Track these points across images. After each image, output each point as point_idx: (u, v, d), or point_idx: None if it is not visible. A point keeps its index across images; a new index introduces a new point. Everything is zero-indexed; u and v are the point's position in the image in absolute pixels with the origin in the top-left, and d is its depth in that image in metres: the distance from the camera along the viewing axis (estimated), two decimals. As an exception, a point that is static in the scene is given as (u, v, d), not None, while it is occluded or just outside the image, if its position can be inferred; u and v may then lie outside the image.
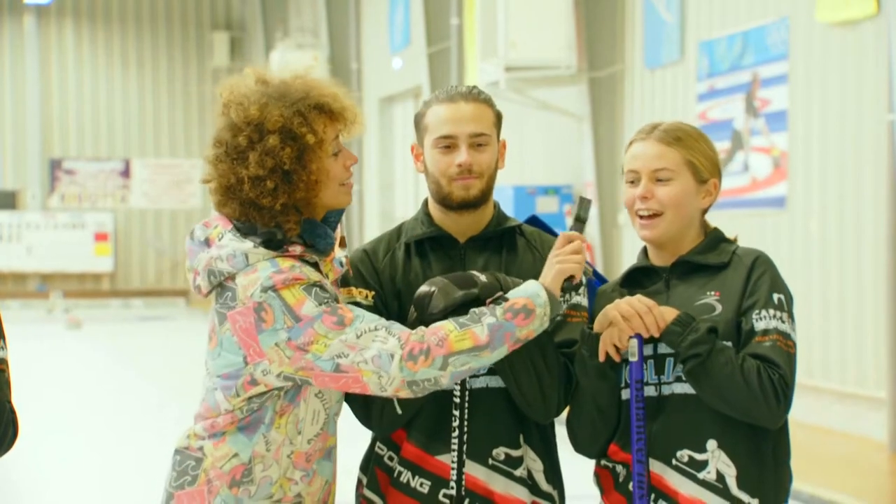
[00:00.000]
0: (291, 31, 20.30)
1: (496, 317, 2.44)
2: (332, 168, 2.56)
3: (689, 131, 2.66)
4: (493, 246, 2.72)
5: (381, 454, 2.69)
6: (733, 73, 9.83)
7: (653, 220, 2.61)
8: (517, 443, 2.66)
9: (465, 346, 2.42)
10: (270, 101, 2.56)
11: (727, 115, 9.92)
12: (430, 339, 2.42)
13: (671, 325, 2.51)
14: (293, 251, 2.51)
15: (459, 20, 13.53)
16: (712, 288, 2.59)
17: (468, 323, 2.44)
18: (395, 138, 17.85)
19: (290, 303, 2.44)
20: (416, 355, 2.41)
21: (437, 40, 14.59)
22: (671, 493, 2.55)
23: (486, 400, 2.64)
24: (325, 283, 2.49)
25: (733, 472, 2.53)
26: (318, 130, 2.53)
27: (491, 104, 2.70)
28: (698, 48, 10.29)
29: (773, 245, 9.22)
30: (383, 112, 17.85)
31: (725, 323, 2.54)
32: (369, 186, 18.09)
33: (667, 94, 10.78)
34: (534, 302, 2.46)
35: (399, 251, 2.72)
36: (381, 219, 17.56)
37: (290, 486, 2.55)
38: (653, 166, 2.61)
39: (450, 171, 2.64)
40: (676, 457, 2.55)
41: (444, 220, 2.70)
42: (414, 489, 2.64)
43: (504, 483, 2.64)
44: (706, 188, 2.65)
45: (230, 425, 2.52)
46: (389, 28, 16.85)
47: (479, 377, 2.63)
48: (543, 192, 11.90)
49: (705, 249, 2.64)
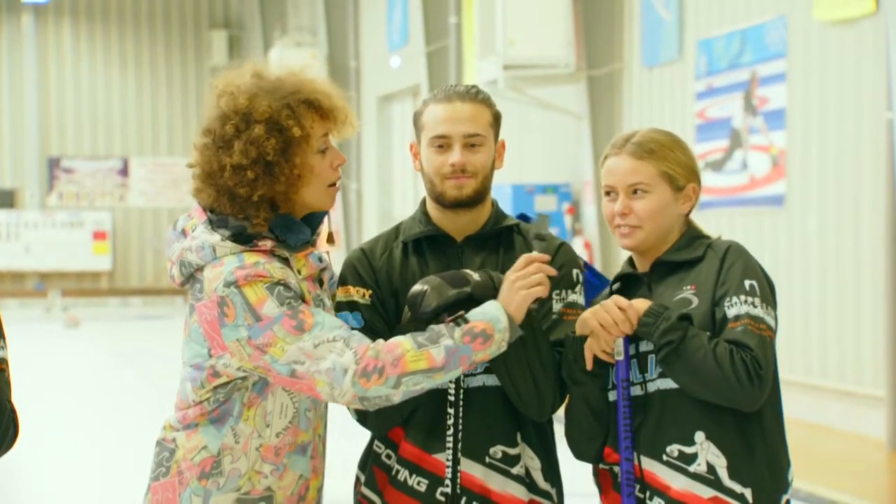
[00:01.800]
0: (290, 29, 20.29)
1: (454, 339, 2.44)
2: (317, 165, 2.55)
3: (661, 141, 2.67)
4: (491, 245, 2.73)
5: (379, 452, 2.70)
6: (732, 72, 9.83)
7: (632, 230, 2.65)
8: (514, 441, 2.67)
9: (420, 366, 2.42)
10: (261, 92, 2.56)
11: (726, 114, 9.93)
12: (386, 357, 2.42)
13: (643, 317, 2.54)
14: (263, 246, 2.51)
15: (458, 18, 13.54)
16: (688, 282, 2.62)
17: (426, 343, 2.43)
18: (393, 137, 17.85)
19: (252, 300, 2.44)
20: (370, 372, 2.41)
21: (435, 39, 14.60)
22: (663, 489, 2.56)
23: (483, 398, 2.65)
24: (290, 282, 2.48)
25: (724, 462, 2.54)
26: (306, 125, 2.53)
27: (489, 104, 2.71)
28: (697, 46, 10.30)
29: (772, 243, 9.23)
30: (381, 111, 17.85)
31: (702, 315, 2.57)
32: (368, 185, 18.09)
33: (665, 92, 10.78)
34: (493, 327, 2.46)
35: (396, 250, 2.73)
36: (380, 218, 17.55)
37: (260, 479, 2.55)
38: (628, 181, 2.64)
39: (443, 171, 2.65)
40: (666, 452, 2.57)
41: (442, 219, 2.72)
42: (411, 488, 2.65)
43: (501, 481, 2.65)
44: (684, 194, 2.68)
45: (200, 417, 2.54)
46: (388, 26, 16.84)
47: (476, 375, 2.64)
48: (542, 190, 11.90)
49: (681, 247, 2.67)
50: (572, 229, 11.84)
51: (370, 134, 17.96)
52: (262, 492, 2.55)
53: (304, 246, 2.57)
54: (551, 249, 2.72)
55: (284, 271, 2.49)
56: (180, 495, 2.54)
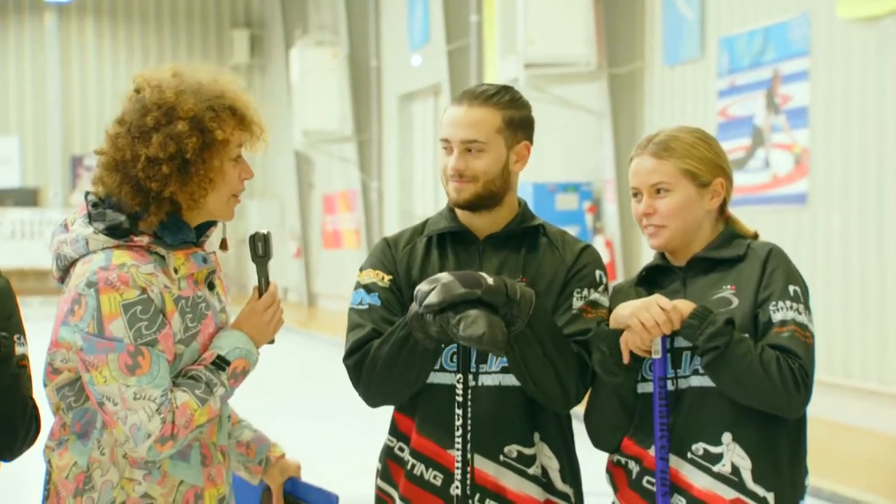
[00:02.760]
0: (311, 28, 20.32)
1: (225, 386, 2.46)
2: (229, 173, 2.51)
3: (682, 139, 2.67)
4: (513, 244, 2.74)
5: (392, 445, 2.73)
6: (754, 70, 9.79)
7: (658, 229, 2.65)
8: (531, 441, 2.67)
9: (203, 420, 2.44)
10: (188, 90, 2.51)
11: (748, 112, 9.89)
12: (180, 421, 2.39)
13: (688, 319, 2.53)
14: (139, 241, 2.44)
15: (479, 17, 13.53)
16: (728, 282, 2.61)
17: (206, 398, 2.43)
18: (414, 136, 17.85)
19: (104, 311, 2.37)
20: (167, 439, 2.39)
21: (456, 37, 14.59)
22: (685, 486, 2.57)
23: (497, 397, 2.65)
24: (151, 293, 2.40)
25: (748, 465, 2.54)
26: (227, 130, 2.49)
27: (503, 107, 2.70)
28: (719, 44, 10.26)
29: (794, 242, 9.19)
30: (402, 109, 17.85)
31: (742, 316, 2.56)
32: (388, 185, 18.10)
33: (687, 90, 10.75)
34: (249, 362, 2.50)
35: (420, 243, 2.77)
36: (401, 217, 17.55)
37: (134, 486, 2.46)
38: (650, 181, 2.65)
39: (447, 173, 2.70)
40: (692, 450, 2.57)
41: (466, 216, 2.74)
42: (427, 481, 2.67)
43: (517, 481, 2.66)
44: (711, 190, 2.67)
45: (65, 432, 2.47)
46: (409, 25, 16.85)
47: (490, 374, 2.65)
48: (563, 189, 11.89)
49: (719, 245, 2.66)
50: (593, 228, 11.82)
51: (391, 133, 17.97)
52: (139, 499, 2.46)
53: (185, 245, 2.50)
54: (575, 252, 2.74)
55: (152, 277, 2.41)
56: None
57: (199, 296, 2.50)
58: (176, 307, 2.44)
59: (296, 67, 19.05)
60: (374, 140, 18.17)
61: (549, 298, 2.70)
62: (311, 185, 21.81)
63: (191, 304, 2.47)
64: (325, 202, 21.00)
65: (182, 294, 2.46)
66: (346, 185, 19.50)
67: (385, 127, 18.14)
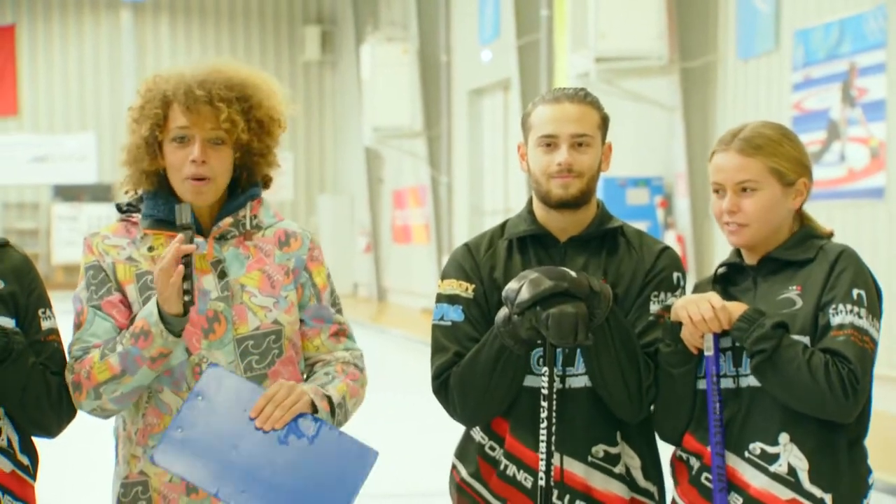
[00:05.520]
0: (381, 24, 20.39)
1: (123, 345, 2.51)
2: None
3: (770, 136, 2.62)
4: (594, 246, 2.75)
5: (483, 443, 2.74)
6: (829, 63, 9.64)
7: (740, 228, 2.61)
8: (615, 440, 2.69)
9: (105, 376, 2.52)
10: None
11: (823, 105, 9.74)
12: (82, 371, 2.54)
13: (738, 322, 2.52)
14: (133, 218, 2.67)
15: (549, 11, 13.46)
16: (795, 283, 2.58)
17: (106, 353, 2.53)
18: (483, 131, 17.83)
19: (80, 267, 2.66)
20: (75, 388, 2.55)
21: (526, 32, 14.54)
22: (742, 486, 2.55)
23: (585, 398, 2.67)
24: (103, 264, 2.60)
25: (805, 465, 2.52)
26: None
27: (597, 106, 2.74)
28: (794, 37, 10.11)
29: (871, 237, 9.03)
30: (472, 105, 17.84)
31: (804, 317, 2.53)
32: (458, 180, 18.10)
33: (761, 84, 10.61)
34: (148, 322, 2.50)
35: (501, 247, 2.77)
36: (470, 212, 17.55)
37: (135, 462, 2.61)
38: (736, 179, 2.60)
39: (550, 170, 2.68)
40: (749, 449, 2.55)
41: (547, 218, 2.74)
42: (519, 483, 2.69)
43: (603, 480, 2.68)
44: (795, 189, 2.63)
45: None
46: (479, 20, 16.83)
47: (578, 376, 2.67)
48: (634, 183, 11.80)
49: (793, 245, 2.62)
50: (664, 223, 11.71)
51: (461, 128, 17.96)
52: (137, 475, 2.59)
53: (168, 226, 2.60)
54: (654, 254, 2.75)
55: (113, 249, 2.62)
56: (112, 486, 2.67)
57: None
58: (135, 279, 2.59)
59: (366, 63, 19.13)
60: (444, 135, 18.17)
61: (627, 301, 2.71)
62: (381, 181, 21.90)
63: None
64: (394, 197, 21.07)
65: (152, 270, 2.56)
66: (416, 180, 19.54)
67: (455, 122, 18.13)
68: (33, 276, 2.63)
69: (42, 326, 2.59)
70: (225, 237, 2.61)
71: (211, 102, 2.56)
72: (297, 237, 2.69)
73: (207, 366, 2.53)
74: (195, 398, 2.48)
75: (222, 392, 2.48)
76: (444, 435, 3.11)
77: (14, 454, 2.55)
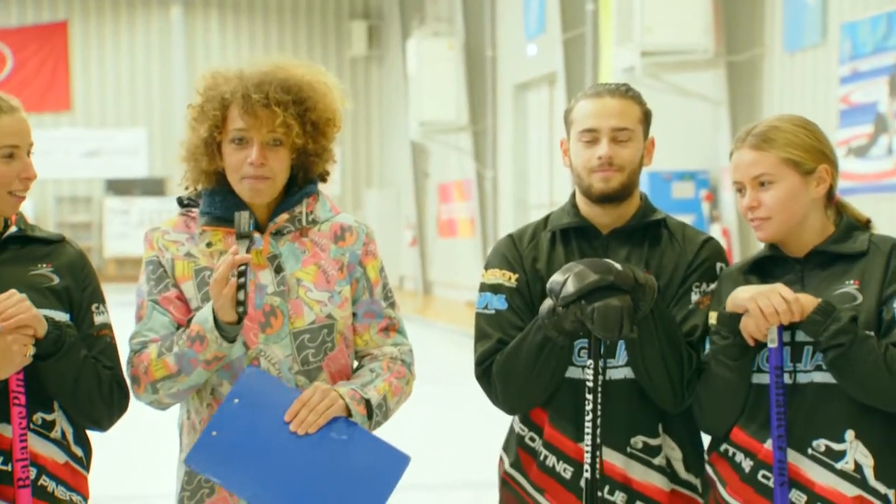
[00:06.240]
0: (427, 19, 20.40)
1: (179, 346, 2.54)
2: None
3: (781, 127, 2.60)
4: (637, 238, 2.75)
5: (523, 435, 2.75)
6: (877, 56, 9.53)
7: (763, 222, 2.60)
8: (656, 432, 2.69)
9: (162, 374, 2.56)
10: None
11: (870, 99, 9.63)
12: (140, 366, 2.59)
13: (812, 315, 2.47)
14: (191, 213, 2.69)
15: (595, 5, 13.41)
16: (851, 277, 2.54)
17: (163, 352, 2.57)
18: (529, 125, 17.79)
19: (143, 260, 2.70)
20: (133, 381, 2.61)
21: (572, 26, 14.49)
22: (807, 483, 2.52)
23: (625, 390, 2.67)
24: (162, 260, 2.64)
25: (870, 462, 2.49)
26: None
27: (638, 101, 2.74)
28: (841, 30, 10.00)
29: (919, 232, 8.92)
30: (517, 99, 17.81)
31: (867, 312, 2.50)
32: (503, 173, 18.08)
33: (807, 78, 10.51)
34: (204, 328, 2.52)
35: (544, 239, 2.78)
36: (515, 206, 17.53)
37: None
38: (751, 174, 2.59)
39: (591, 164, 2.69)
40: (812, 446, 2.52)
41: (589, 211, 2.75)
42: (558, 473, 2.69)
43: (643, 471, 2.68)
44: (816, 177, 2.60)
45: None
46: (524, 14, 16.79)
47: (619, 368, 2.67)
48: (679, 177, 11.74)
49: (840, 239, 2.59)
50: (710, 216, 11.64)
51: (506, 123, 17.94)
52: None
53: (226, 223, 2.63)
54: (696, 245, 2.74)
55: (172, 244, 2.65)
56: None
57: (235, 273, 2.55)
58: (193, 276, 2.61)
59: (412, 58, 19.15)
60: (489, 130, 18.16)
61: (669, 292, 2.70)
62: (427, 175, 21.91)
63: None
64: (440, 191, 21.08)
65: (210, 266, 2.60)
66: (461, 174, 19.54)
67: (500, 117, 18.11)
68: (88, 271, 2.66)
69: (95, 321, 2.62)
70: (281, 233, 2.63)
71: (268, 106, 2.58)
72: (353, 231, 2.70)
73: (245, 368, 2.56)
74: (231, 400, 2.50)
75: (259, 395, 2.50)
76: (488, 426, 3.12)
77: (68, 445, 2.59)
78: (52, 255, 2.63)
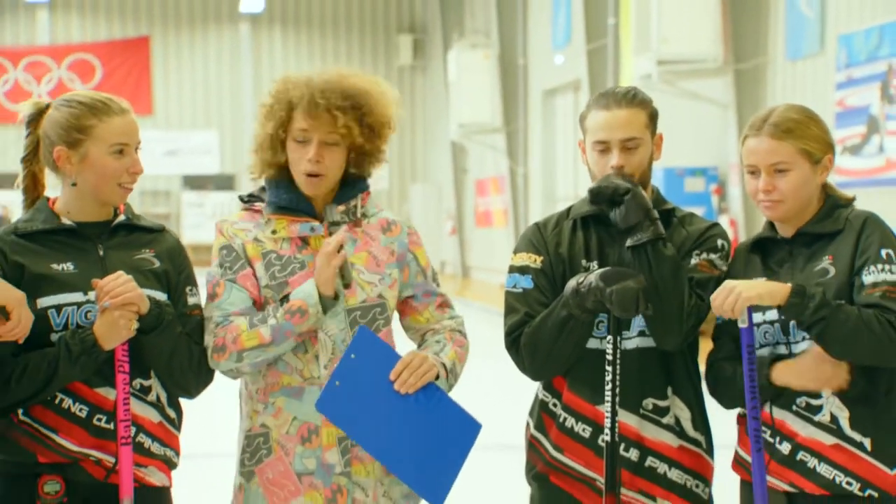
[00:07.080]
0: (466, 32, 20.36)
1: (277, 319, 2.52)
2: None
3: (797, 119, 2.59)
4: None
5: (546, 401, 2.77)
6: (870, 64, 9.43)
7: (775, 204, 2.59)
8: (664, 394, 2.70)
9: (253, 343, 2.53)
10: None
11: (864, 102, 9.53)
12: (228, 337, 2.55)
13: (790, 299, 2.47)
14: (256, 206, 2.68)
15: (616, 19, 13.34)
16: (828, 253, 2.55)
17: (257, 324, 2.54)
18: (556, 126, 17.75)
19: (214, 248, 2.68)
20: (217, 349, 2.57)
21: (595, 38, 14.42)
22: (791, 434, 2.56)
23: (637, 358, 2.68)
24: (234, 244, 2.63)
25: (846, 413, 2.51)
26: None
27: (644, 105, 2.71)
28: (837, 41, 9.90)
29: (907, 222, 8.82)
30: (546, 103, 17.76)
31: (838, 284, 2.50)
32: (533, 170, 18.05)
33: (807, 83, 10.41)
34: (307, 303, 2.51)
35: (566, 226, 2.78)
36: (544, 198, 17.52)
37: (257, 417, 2.63)
38: (769, 161, 2.57)
39: (605, 172, 2.69)
40: (796, 403, 2.55)
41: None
42: (577, 433, 2.70)
43: (654, 429, 2.69)
44: (822, 165, 2.60)
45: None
46: (553, 27, 16.73)
47: (632, 339, 2.68)
48: (691, 173, 11.68)
49: (822, 218, 2.59)
50: (719, 208, 11.58)
51: (536, 124, 17.91)
52: (259, 428, 2.62)
53: (293, 213, 2.64)
54: (702, 228, 2.74)
55: (241, 231, 2.65)
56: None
57: (297, 257, 2.61)
58: (262, 257, 2.62)
59: (452, 67, 19.13)
60: (521, 131, 18.12)
61: None
62: (465, 171, 21.91)
63: (283, 261, 2.61)
64: (477, 186, 21.08)
65: (276, 250, 2.62)
66: (496, 170, 19.53)
67: (530, 119, 18.07)
68: (184, 257, 2.71)
69: (188, 302, 2.65)
70: (337, 223, 2.66)
71: (329, 110, 2.61)
72: (397, 224, 2.74)
73: (359, 327, 2.57)
74: (349, 355, 2.51)
75: (368, 353, 2.52)
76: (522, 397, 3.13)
77: (163, 407, 2.62)
78: (154, 241, 2.67)
